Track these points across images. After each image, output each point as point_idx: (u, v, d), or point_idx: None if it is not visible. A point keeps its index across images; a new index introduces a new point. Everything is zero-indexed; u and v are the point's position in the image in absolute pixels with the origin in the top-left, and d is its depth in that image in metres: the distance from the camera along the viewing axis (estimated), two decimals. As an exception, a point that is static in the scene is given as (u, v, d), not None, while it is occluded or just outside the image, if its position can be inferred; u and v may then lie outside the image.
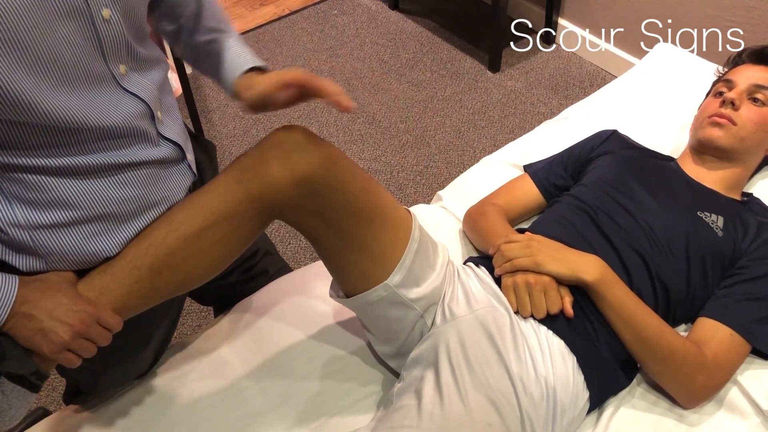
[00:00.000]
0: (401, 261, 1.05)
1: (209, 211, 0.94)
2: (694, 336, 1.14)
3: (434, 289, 1.10)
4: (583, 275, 1.09)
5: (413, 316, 1.10)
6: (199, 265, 0.96)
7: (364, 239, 1.03)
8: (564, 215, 1.25)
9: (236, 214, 0.95)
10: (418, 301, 1.09)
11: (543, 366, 1.05)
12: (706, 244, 1.20)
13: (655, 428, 1.10)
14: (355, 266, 1.06)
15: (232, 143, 2.60)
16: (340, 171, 0.98)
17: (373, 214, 1.02)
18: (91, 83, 0.81)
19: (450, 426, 0.96)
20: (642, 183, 1.29)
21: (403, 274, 1.05)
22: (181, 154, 0.97)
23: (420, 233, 1.09)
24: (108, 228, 0.90)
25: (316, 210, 0.98)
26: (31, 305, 0.82)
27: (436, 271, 1.11)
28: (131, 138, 0.88)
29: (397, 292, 1.06)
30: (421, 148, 2.54)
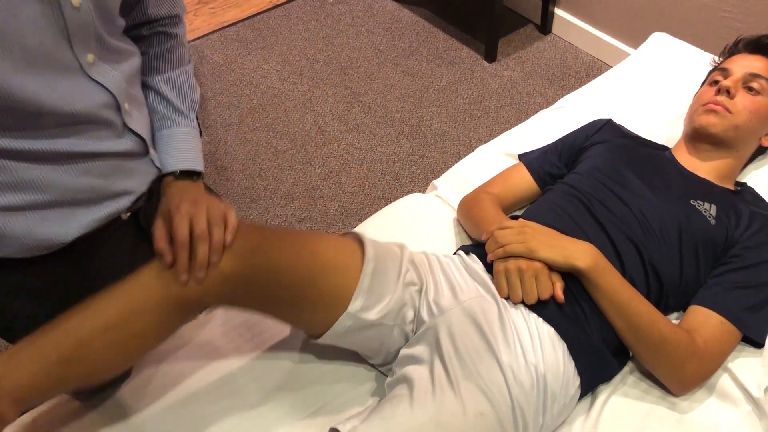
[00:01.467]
0: (359, 286, 1.05)
1: (129, 304, 0.92)
2: (685, 323, 1.14)
3: (398, 298, 1.09)
4: (576, 262, 1.09)
5: (386, 330, 1.10)
6: (111, 359, 0.93)
7: (310, 297, 1.03)
8: (558, 203, 1.25)
9: (158, 309, 0.93)
10: (386, 316, 1.08)
11: (533, 354, 1.05)
12: (698, 232, 1.20)
13: (647, 416, 1.11)
14: (311, 318, 1.07)
15: (228, 132, 2.59)
16: (264, 256, 0.98)
17: (312, 273, 1.02)
18: (54, 68, 0.79)
19: (442, 416, 0.97)
20: (636, 172, 1.29)
21: (364, 297, 1.06)
22: (145, 147, 0.95)
23: (374, 250, 1.08)
24: (63, 215, 0.87)
25: (250, 297, 1.00)
26: None
27: (400, 279, 1.10)
28: (94, 127, 0.86)
29: (361, 318, 1.06)
30: (416, 137, 2.54)
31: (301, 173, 2.43)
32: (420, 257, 1.19)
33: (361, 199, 2.34)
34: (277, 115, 2.65)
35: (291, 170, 2.45)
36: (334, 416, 1.11)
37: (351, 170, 2.43)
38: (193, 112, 1.06)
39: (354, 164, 2.45)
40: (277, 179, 2.41)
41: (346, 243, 1.09)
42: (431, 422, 0.96)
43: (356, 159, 2.47)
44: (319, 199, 2.34)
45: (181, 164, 1.03)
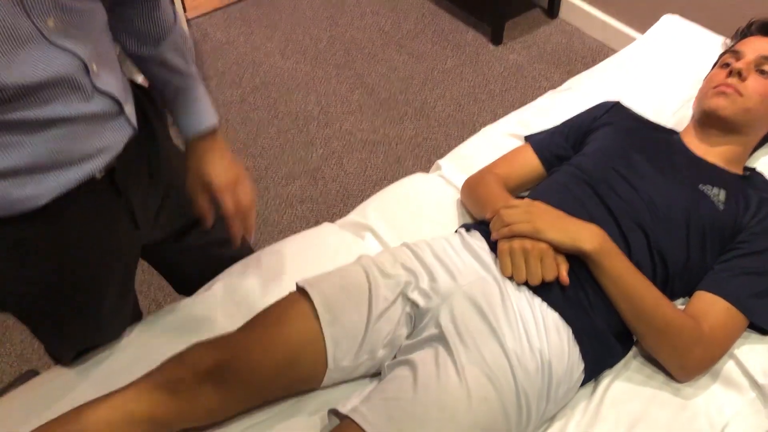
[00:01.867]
0: (326, 344, 1.04)
1: (110, 425, 0.95)
2: (691, 309, 1.12)
3: (376, 327, 1.08)
4: (582, 244, 1.07)
5: (381, 355, 1.09)
6: None
7: (291, 378, 1.05)
8: (564, 184, 1.23)
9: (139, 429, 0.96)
10: (371, 349, 1.07)
11: (537, 339, 1.03)
12: (706, 217, 1.18)
13: (650, 401, 1.09)
14: (301, 387, 1.09)
15: (229, 111, 2.56)
16: (234, 374, 1.00)
17: (283, 364, 1.03)
18: (14, 40, 0.74)
19: (446, 399, 0.95)
20: (644, 155, 1.27)
21: (334, 348, 1.05)
22: (118, 107, 0.92)
23: (324, 306, 1.06)
24: (36, 179, 0.84)
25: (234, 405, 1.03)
26: None
27: (370, 305, 1.08)
28: (63, 92, 0.82)
29: (346, 366, 1.06)
30: (420, 120, 2.51)
31: (303, 154, 2.41)
32: (401, 252, 1.16)
33: (363, 180, 2.32)
34: (279, 95, 2.63)
35: (292, 150, 2.42)
36: (334, 397, 1.09)
37: (353, 152, 2.41)
38: (193, 64, 1.06)
39: (356, 146, 2.43)
40: (279, 159, 2.39)
41: (298, 309, 1.07)
42: (435, 406, 0.95)
43: (359, 140, 2.45)
44: (320, 179, 2.32)
45: (203, 124, 1.06)
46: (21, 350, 1.88)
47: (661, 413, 1.08)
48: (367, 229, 1.38)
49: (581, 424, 1.07)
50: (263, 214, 2.22)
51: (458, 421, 0.95)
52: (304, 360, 1.04)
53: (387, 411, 0.94)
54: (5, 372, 1.83)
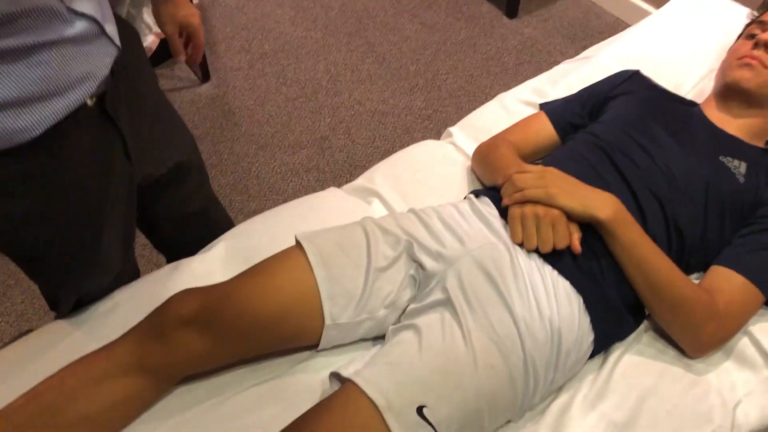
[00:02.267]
0: (321, 297, 1.02)
1: (96, 370, 0.94)
2: (706, 284, 1.09)
3: (376, 283, 1.05)
4: (596, 212, 1.04)
5: (382, 315, 1.06)
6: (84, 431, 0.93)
7: (285, 332, 1.03)
8: (579, 151, 1.19)
9: (127, 376, 0.95)
10: (369, 306, 1.04)
11: (547, 306, 1.00)
12: (726, 190, 1.14)
13: (661, 376, 1.06)
14: (297, 343, 1.06)
15: (237, 77, 2.52)
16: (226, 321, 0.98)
17: (277, 316, 1.00)
18: None
19: (452, 365, 0.93)
20: (663, 125, 1.22)
21: (332, 305, 1.03)
22: (99, 27, 0.89)
23: (319, 260, 1.03)
24: (25, 110, 0.83)
25: (225, 357, 1.02)
26: None
27: (368, 260, 1.06)
28: (39, 19, 0.80)
29: (344, 322, 1.04)
30: (431, 91, 2.46)
31: (311, 122, 2.37)
32: (405, 217, 1.13)
33: (371, 151, 2.28)
34: (288, 62, 2.58)
35: (300, 119, 2.38)
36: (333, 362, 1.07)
37: (362, 122, 2.37)
38: None
39: (365, 116, 2.39)
40: (286, 127, 2.35)
41: (293, 260, 1.05)
42: (439, 372, 0.92)
43: (367, 110, 2.40)
44: (327, 149, 2.28)
45: None
46: (22, 310, 1.86)
47: (671, 388, 1.05)
48: (375, 195, 1.34)
49: (589, 396, 1.04)
50: (269, 182, 2.18)
51: (463, 388, 0.92)
52: (298, 313, 1.02)
53: (390, 375, 0.92)
54: (5, 332, 1.81)
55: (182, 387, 1.02)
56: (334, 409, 0.91)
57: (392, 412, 0.88)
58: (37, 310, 1.86)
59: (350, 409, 0.90)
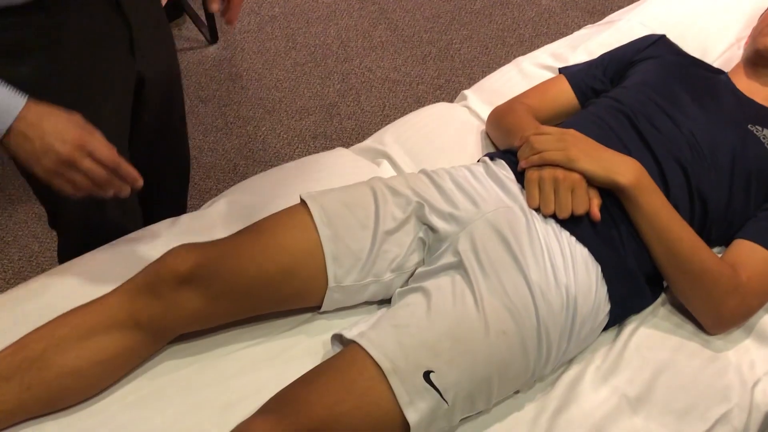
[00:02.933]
0: (326, 257, 0.98)
1: (89, 321, 0.90)
2: (728, 257, 1.04)
3: (383, 246, 1.01)
4: (617, 177, 0.99)
5: (388, 279, 1.01)
6: (72, 385, 0.90)
7: (287, 292, 0.99)
8: (600, 116, 1.14)
9: (120, 330, 0.91)
10: (375, 270, 1.00)
11: (564, 273, 0.95)
12: (754, 159, 1.09)
13: (676, 350, 1.02)
14: (299, 304, 1.02)
15: (245, 39, 2.46)
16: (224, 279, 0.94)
17: (278, 274, 0.96)
18: None
19: (462, 329, 0.88)
20: (689, 91, 1.17)
21: (335, 266, 0.98)
22: None
23: (323, 220, 0.99)
24: None
25: (224, 315, 0.97)
26: (28, 124, 0.84)
27: (376, 222, 1.01)
28: None
29: (348, 285, 0.99)
30: (444, 61, 2.40)
31: (319, 88, 2.31)
32: (416, 177, 1.08)
33: (380, 120, 2.22)
34: (298, 26, 2.51)
35: (308, 84, 2.32)
36: (334, 324, 1.03)
37: (372, 89, 2.31)
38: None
39: (375, 83, 2.33)
40: (294, 92, 2.29)
41: (297, 219, 1.00)
42: (448, 336, 0.88)
43: (378, 78, 2.34)
44: (335, 116, 2.23)
45: None
46: (19, 268, 1.83)
47: (688, 364, 1.00)
48: (384, 156, 1.29)
49: (601, 369, 1.00)
50: (274, 147, 2.13)
51: (473, 354, 0.88)
52: (301, 274, 0.98)
53: (397, 337, 0.87)
54: (2, 288, 1.78)
55: (176, 345, 0.98)
56: (336, 372, 0.87)
57: (397, 376, 0.84)
58: (35, 268, 1.82)
59: (353, 372, 0.86)
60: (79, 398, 0.92)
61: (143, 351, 0.95)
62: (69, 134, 0.85)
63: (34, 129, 0.84)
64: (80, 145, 0.85)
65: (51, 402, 0.90)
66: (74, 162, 0.86)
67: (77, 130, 0.86)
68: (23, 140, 0.84)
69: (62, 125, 0.85)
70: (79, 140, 0.86)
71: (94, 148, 0.86)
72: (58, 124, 0.86)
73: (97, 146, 0.87)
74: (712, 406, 0.96)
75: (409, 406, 0.84)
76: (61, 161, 0.85)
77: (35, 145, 0.84)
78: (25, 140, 0.84)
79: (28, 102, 0.85)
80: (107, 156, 0.87)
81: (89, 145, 0.86)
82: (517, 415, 0.95)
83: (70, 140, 0.85)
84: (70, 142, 0.85)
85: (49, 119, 0.86)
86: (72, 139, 0.85)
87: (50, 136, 0.84)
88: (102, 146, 0.87)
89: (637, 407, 0.95)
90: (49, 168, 0.86)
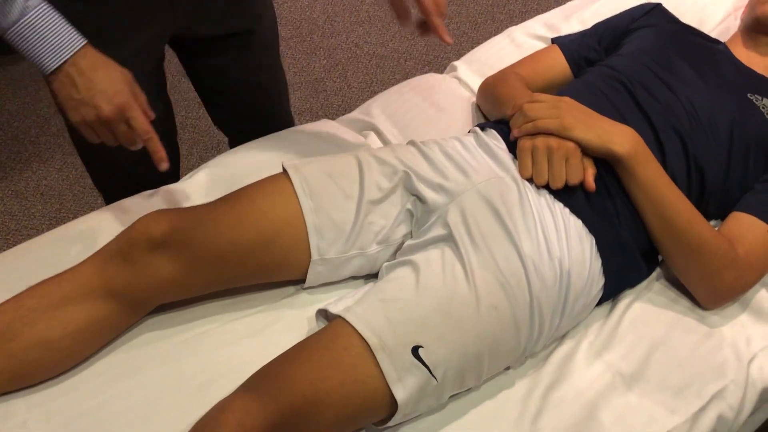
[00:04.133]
0: (308, 229, 0.94)
1: (64, 301, 0.86)
2: (725, 230, 1.01)
3: (368, 218, 0.97)
4: (613, 146, 0.95)
5: (374, 252, 0.97)
6: (41, 358, 0.85)
7: (266, 263, 0.95)
8: (595, 84, 1.10)
9: (93, 299, 0.87)
10: (361, 242, 0.96)
11: (557, 246, 0.92)
12: (753, 129, 1.06)
13: (671, 326, 0.99)
14: (282, 276, 0.98)
15: None
16: (200, 245, 0.90)
17: (257, 242, 0.93)
18: None
19: (452, 304, 0.85)
20: (686, 59, 1.13)
21: (317, 237, 0.94)
22: None
23: (305, 191, 0.95)
24: None
25: (203, 285, 0.94)
26: (79, 71, 0.82)
27: (360, 193, 0.97)
28: None
29: (332, 258, 0.95)
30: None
31: (305, 63, 2.26)
32: (404, 148, 1.04)
33: (368, 96, 2.16)
34: (283, 0, 2.45)
35: (294, 59, 2.27)
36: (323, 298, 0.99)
37: (359, 65, 2.26)
38: None
39: (363, 59, 2.28)
40: (279, 67, 2.24)
41: (278, 187, 0.96)
42: (438, 311, 0.84)
43: (365, 53, 2.30)
44: (321, 92, 2.18)
45: None
46: None
47: (683, 339, 0.98)
48: (371, 128, 1.25)
49: (595, 344, 0.97)
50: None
51: (463, 330, 0.84)
52: (282, 243, 0.94)
53: (384, 312, 0.84)
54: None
55: (154, 317, 0.94)
56: (321, 348, 0.83)
57: (385, 352, 0.81)
58: (11, 246, 1.77)
59: (338, 348, 0.82)
60: (49, 373, 0.87)
61: (118, 322, 0.91)
62: (116, 96, 0.84)
63: (83, 78, 0.83)
64: (122, 110, 0.84)
65: (19, 376, 0.86)
66: (110, 123, 0.85)
67: (124, 94, 0.85)
68: (69, 85, 0.83)
69: (111, 83, 0.84)
70: (122, 104, 0.84)
71: (133, 117, 0.85)
72: (108, 80, 0.84)
73: (136, 115, 0.86)
74: (708, 382, 0.94)
75: (397, 382, 0.81)
76: (99, 119, 0.84)
77: (80, 95, 0.83)
78: (71, 86, 0.83)
79: (86, 46, 0.83)
80: (142, 128, 0.86)
81: (129, 112, 0.85)
82: (508, 392, 0.92)
83: (115, 102, 0.84)
84: (114, 104, 0.84)
85: (101, 72, 0.84)
86: (117, 102, 0.84)
87: (97, 91, 0.83)
88: (140, 117, 0.86)
89: (632, 384, 0.93)
90: (85, 120, 0.85)
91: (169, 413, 0.86)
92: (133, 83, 0.88)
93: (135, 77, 0.90)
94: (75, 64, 0.82)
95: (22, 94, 2.14)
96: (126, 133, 0.87)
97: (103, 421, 0.84)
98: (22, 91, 2.15)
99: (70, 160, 1.96)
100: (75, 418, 0.84)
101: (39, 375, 0.87)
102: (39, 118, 2.08)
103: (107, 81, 0.84)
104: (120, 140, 0.88)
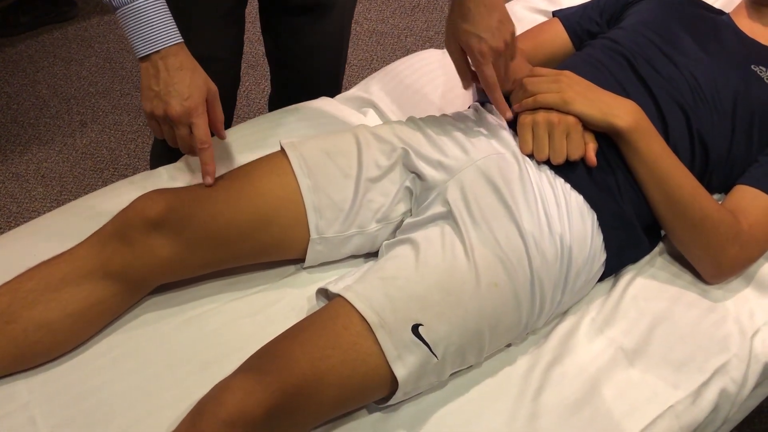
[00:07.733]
0: (306, 208, 0.93)
1: (62, 282, 0.86)
2: (729, 204, 1.00)
3: (367, 195, 0.96)
4: (615, 120, 0.94)
5: (373, 230, 0.97)
6: (42, 339, 0.85)
7: (265, 241, 0.94)
8: (597, 57, 1.08)
9: (91, 280, 0.87)
10: (360, 221, 0.96)
11: (558, 222, 0.91)
12: (757, 102, 1.04)
13: (674, 301, 0.99)
14: (281, 255, 0.98)
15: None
16: (198, 224, 0.90)
17: (255, 221, 0.92)
18: None
19: (452, 282, 0.84)
20: (689, 32, 1.11)
21: (318, 217, 0.94)
22: None
23: (303, 170, 0.94)
24: None
25: (202, 264, 0.93)
26: (165, 66, 0.86)
27: (358, 171, 0.96)
28: None
29: (331, 236, 0.95)
30: (433, 12, 2.32)
31: (305, 41, 2.23)
32: (403, 125, 1.03)
33: (368, 73, 2.16)
34: (281, -23, 2.42)
35: (293, 37, 2.24)
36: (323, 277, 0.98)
37: (359, 42, 2.24)
38: None
39: (362, 36, 2.25)
40: (278, 45, 2.22)
41: (276, 165, 0.96)
42: (438, 288, 0.84)
43: (365, 30, 2.27)
44: (322, 70, 2.16)
45: None
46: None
47: (686, 314, 0.97)
48: (370, 105, 1.24)
49: (597, 320, 0.96)
50: (258, 103, 2.07)
51: (463, 307, 0.84)
52: (280, 222, 0.93)
53: (384, 290, 0.83)
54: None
55: (154, 297, 0.94)
56: (321, 327, 0.83)
57: (385, 330, 0.80)
58: (13, 229, 1.77)
59: (338, 327, 0.82)
60: (50, 354, 0.87)
61: (117, 303, 0.90)
62: (188, 99, 0.87)
63: (166, 73, 0.87)
64: (189, 114, 0.88)
65: (19, 358, 0.85)
66: (174, 123, 0.89)
67: (196, 99, 0.88)
68: (152, 75, 0.87)
69: (189, 87, 0.88)
70: (191, 108, 0.88)
71: (197, 124, 0.89)
72: (188, 83, 0.88)
73: (200, 123, 0.89)
74: (711, 357, 0.93)
75: (397, 360, 0.80)
76: (166, 115, 0.88)
77: (158, 87, 0.87)
78: (153, 76, 0.87)
79: (180, 45, 0.87)
80: (202, 137, 0.90)
81: (195, 118, 0.89)
82: (510, 369, 0.91)
83: (185, 104, 0.87)
84: (184, 107, 0.87)
85: (184, 74, 0.88)
86: (187, 105, 0.87)
87: (173, 89, 0.87)
88: (204, 126, 0.90)
89: (634, 359, 0.92)
90: (154, 112, 0.89)
91: (170, 393, 0.85)
92: (214, 98, 0.92)
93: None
94: (163, 59, 0.86)
95: (20, 76, 2.12)
96: (186, 137, 0.90)
97: (104, 401, 0.84)
98: (20, 73, 2.13)
99: (70, 142, 1.95)
100: (76, 398, 0.84)
101: (39, 357, 0.87)
102: (38, 101, 2.07)
103: (186, 83, 0.87)
104: (178, 142, 0.92)
